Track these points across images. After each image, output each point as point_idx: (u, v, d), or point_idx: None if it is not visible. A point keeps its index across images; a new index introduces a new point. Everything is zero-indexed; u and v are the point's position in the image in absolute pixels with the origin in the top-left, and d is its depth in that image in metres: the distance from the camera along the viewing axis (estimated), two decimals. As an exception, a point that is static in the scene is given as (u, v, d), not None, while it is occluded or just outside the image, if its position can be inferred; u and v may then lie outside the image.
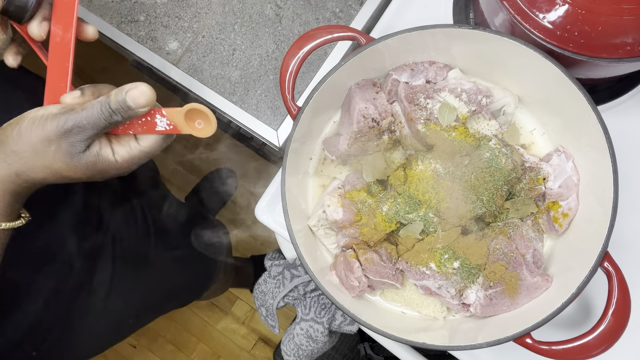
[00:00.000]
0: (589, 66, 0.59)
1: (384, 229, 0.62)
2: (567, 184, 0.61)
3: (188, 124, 0.50)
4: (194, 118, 0.50)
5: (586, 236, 0.59)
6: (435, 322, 0.65)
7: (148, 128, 0.52)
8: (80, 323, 0.81)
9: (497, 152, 0.61)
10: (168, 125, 0.51)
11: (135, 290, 0.89)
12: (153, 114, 0.51)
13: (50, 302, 0.74)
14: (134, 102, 0.48)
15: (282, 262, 0.88)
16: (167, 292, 1.02)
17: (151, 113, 0.51)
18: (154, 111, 0.51)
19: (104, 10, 0.81)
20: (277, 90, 0.79)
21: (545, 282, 0.60)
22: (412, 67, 0.64)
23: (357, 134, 0.62)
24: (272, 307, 0.87)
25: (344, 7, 0.80)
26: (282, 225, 0.74)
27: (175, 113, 0.50)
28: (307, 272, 0.60)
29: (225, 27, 0.80)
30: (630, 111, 0.72)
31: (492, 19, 0.65)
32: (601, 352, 0.54)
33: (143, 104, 0.49)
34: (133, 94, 0.48)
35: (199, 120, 0.50)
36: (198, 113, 0.49)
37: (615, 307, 0.54)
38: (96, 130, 0.49)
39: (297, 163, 0.65)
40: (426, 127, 0.61)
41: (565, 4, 0.54)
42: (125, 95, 0.48)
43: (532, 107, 0.66)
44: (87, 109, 0.49)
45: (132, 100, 0.48)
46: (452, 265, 0.60)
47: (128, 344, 1.69)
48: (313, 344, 0.85)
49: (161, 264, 0.95)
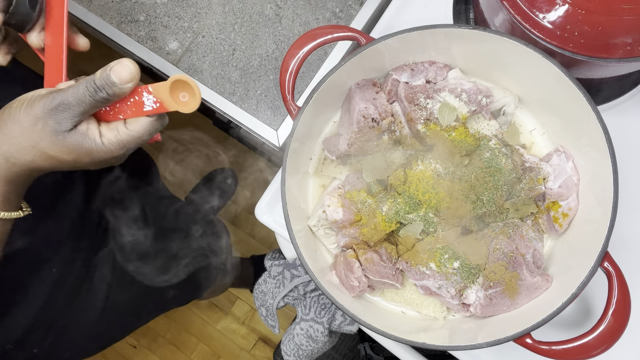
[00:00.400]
0: (589, 66, 0.59)
1: (384, 229, 0.62)
2: (567, 184, 0.61)
3: (173, 98, 0.50)
4: (179, 91, 0.50)
5: (586, 236, 0.59)
6: (435, 322, 0.65)
7: (137, 109, 0.52)
8: (81, 320, 0.81)
9: (497, 152, 0.61)
10: (155, 104, 0.51)
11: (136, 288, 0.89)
12: (140, 92, 0.51)
13: (50, 300, 0.74)
14: (118, 76, 0.49)
15: (282, 262, 0.88)
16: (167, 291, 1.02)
17: (138, 91, 0.51)
18: (140, 89, 0.51)
19: (104, 10, 0.81)
20: (277, 90, 0.79)
21: (545, 282, 0.60)
22: (412, 67, 0.64)
23: (357, 134, 0.62)
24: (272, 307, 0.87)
25: (344, 7, 0.80)
26: (282, 225, 0.74)
27: (160, 88, 0.50)
28: (307, 272, 0.60)
29: (225, 27, 0.80)
30: (630, 111, 0.72)
31: (492, 19, 0.65)
32: (601, 352, 0.54)
33: (127, 77, 0.49)
34: (117, 69, 0.49)
35: (183, 93, 0.50)
36: (183, 85, 0.49)
37: (615, 307, 0.54)
38: (82, 108, 0.49)
39: (297, 163, 0.65)
40: (426, 127, 0.61)
41: (565, 4, 0.54)
42: (110, 71, 0.49)
43: (532, 107, 0.66)
44: (74, 87, 0.49)
45: (116, 75, 0.49)
46: (452, 265, 0.60)
47: (128, 344, 1.69)
48: (313, 344, 0.85)
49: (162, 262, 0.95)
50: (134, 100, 0.52)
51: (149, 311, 1.02)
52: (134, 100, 0.52)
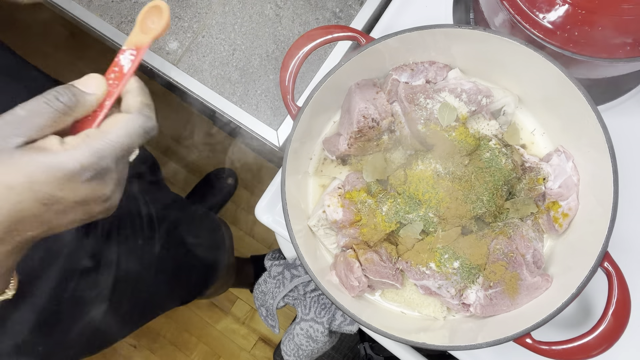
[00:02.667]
0: (589, 66, 0.59)
1: (384, 229, 0.62)
2: (567, 184, 0.61)
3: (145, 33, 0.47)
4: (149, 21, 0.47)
5: (586, 236, 0.59)
6: (435, 322, 0.65)
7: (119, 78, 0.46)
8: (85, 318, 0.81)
9: (497, 152, 0.61)
10: (132, 55, 0.46)
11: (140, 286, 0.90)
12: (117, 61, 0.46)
13: (54, 298, 0.74)
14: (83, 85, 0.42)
15: (282, 262, 0.88)
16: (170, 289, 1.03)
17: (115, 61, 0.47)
18: (117, 57, 0.47)
19: (104, 10, 0.81)
20: (277, 90, 0.79)
21: (545, 282, 0.60)
22: (412, 67, 0.64)
23: (357, 134, 0.62)
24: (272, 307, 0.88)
25: (344, 7, 0.80)
26: (282, 225, 0.74)
27: (132, 34, 0.47)
28: (307, 272, 0.60)
29: (225, 27, 0.80)
30: (630, 111, 0.72)
31: (492, 19, 0.65)
32: (601, 352, 0.54)
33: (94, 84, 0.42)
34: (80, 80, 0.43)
35: (152, 19, 0.47)
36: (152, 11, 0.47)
37: (615, 307, 0.54)
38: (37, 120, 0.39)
39: (297, 163, 0.65)
40: (426, 127, 0.61)
41: (565, 4, 0.54)
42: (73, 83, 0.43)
43: (532, 107, 0.66)
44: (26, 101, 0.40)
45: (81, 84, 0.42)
46: (452, 265, 0.60)
47: (128, 344, 1.69)
48: (313, 344, 0.85)
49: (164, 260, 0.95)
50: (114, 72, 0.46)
51: (153, 309, 1.02)
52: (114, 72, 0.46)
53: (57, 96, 0.40)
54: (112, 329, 0.91)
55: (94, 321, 0.83)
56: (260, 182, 1.72)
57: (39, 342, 0.75)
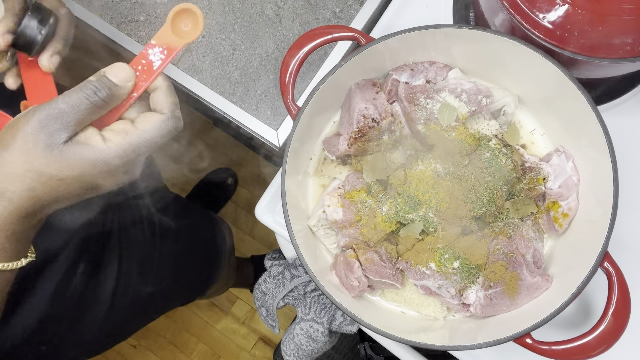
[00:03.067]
0: (589, 66, 0.59)
1: (384, 229, 0.62)
2: (567, 184, 0.61)
3: (176, 34, 0.48)
4: (181, 23, 0.48)
5: (586, 236, 0.59)
6: (435, 322, 0.65)
7: (148, 73, 0.48)
8: (88, 317, 0.81)
9: (497, 152, 0.61)
10: (162, 53, 0.48)
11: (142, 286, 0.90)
12: (146, 53, 0.48)
13: (57, 297, 0.74)
14: (115, 77, 0.45)
15: (282, 262, 0.88)
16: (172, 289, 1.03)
17: (143, 53, 0.48)
18: (145, 50, 0.48)
19: (104, 10, 0.81)
20: (277, 90, 0.79)
21: (545, 282, 0.60)
22: (412, 67, 0.64)
23: (357, 134, 0.62)
24: (272, 307, 0.88)
25: (344, 7, 0.80)
26: (282, 225, 0.74)
27: (163, 31, 0.47)
28: (307, 272, 0.60)
29: (225, 27, 0.80)
30: (630, 111, 0.72)
31: (492, 19, 0.65)
32: (601, 352, 0.54)
33: (124, 77, 0.46)
34: (112, 70, 0.46)
35: (185, 22, 0.48)
36: (183, 14, 0.47)
37: (615, 307, 0.54)
38: (78, 115, 0.43)
39: (297, 163, 0.65)
40: (426, 127, 0.61)
41: (565, 4, 0.53)
42: (105, 74, 0.45)
43: (532, 107, 0.66)
44: (65, 95, 0.43)
45: (113, 76, 0.45)
46: (452, 265, 0.60)
47: (128, 344, 1.69)
48: (313, 344, 0.85)
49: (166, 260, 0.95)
50: (142, 68, 0.48)
51: (154, 310, 1.02)
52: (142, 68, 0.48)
53: (95, 91, 0.43)
54: (115, 329, 0.91)
55: (96, 322, 0.83)
56: (260, 182, 1.72)
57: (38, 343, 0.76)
